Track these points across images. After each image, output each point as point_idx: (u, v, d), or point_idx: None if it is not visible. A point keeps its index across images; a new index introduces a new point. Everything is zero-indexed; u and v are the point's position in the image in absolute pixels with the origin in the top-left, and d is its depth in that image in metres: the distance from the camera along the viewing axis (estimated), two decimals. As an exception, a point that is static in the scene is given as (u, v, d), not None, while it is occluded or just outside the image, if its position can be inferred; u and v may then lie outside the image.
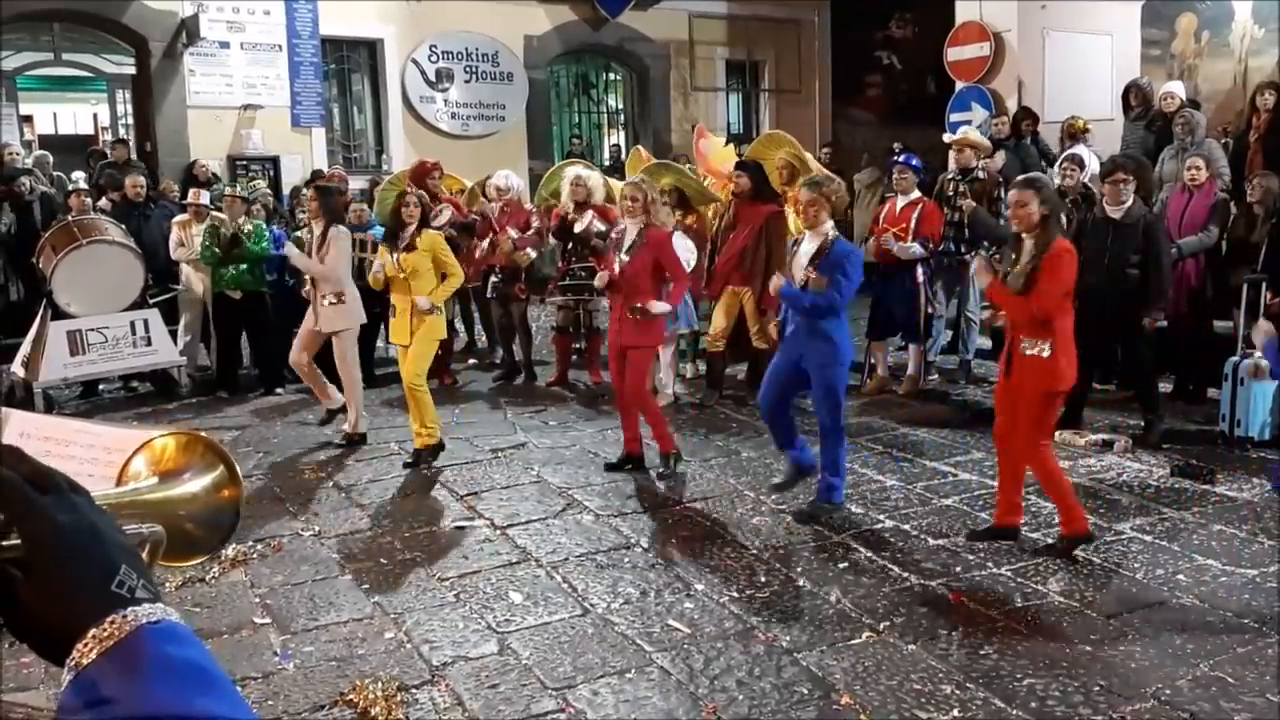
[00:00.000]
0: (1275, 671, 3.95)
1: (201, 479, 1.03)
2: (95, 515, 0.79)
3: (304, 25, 13.77)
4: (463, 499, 6.22)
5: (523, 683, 4.00)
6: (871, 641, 4.27)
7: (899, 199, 8.40)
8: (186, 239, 9.33)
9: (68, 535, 0.75)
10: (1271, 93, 9.34)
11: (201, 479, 1.03)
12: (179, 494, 1.01)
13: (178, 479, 1.02)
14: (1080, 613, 4.50)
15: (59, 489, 0.78)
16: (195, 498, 1.02)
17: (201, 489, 1.02)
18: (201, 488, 1.02)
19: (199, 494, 1.02)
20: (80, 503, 0.79)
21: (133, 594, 0.75)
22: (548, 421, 7.93)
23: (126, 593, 0.75)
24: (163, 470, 1.04)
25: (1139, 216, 6.90)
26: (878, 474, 6.48)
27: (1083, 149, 9.61)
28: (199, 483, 1.03)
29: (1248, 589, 4.68)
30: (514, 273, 9.08)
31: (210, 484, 1.03)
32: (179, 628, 0.74)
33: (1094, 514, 5.66)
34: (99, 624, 0.72)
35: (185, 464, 1.04)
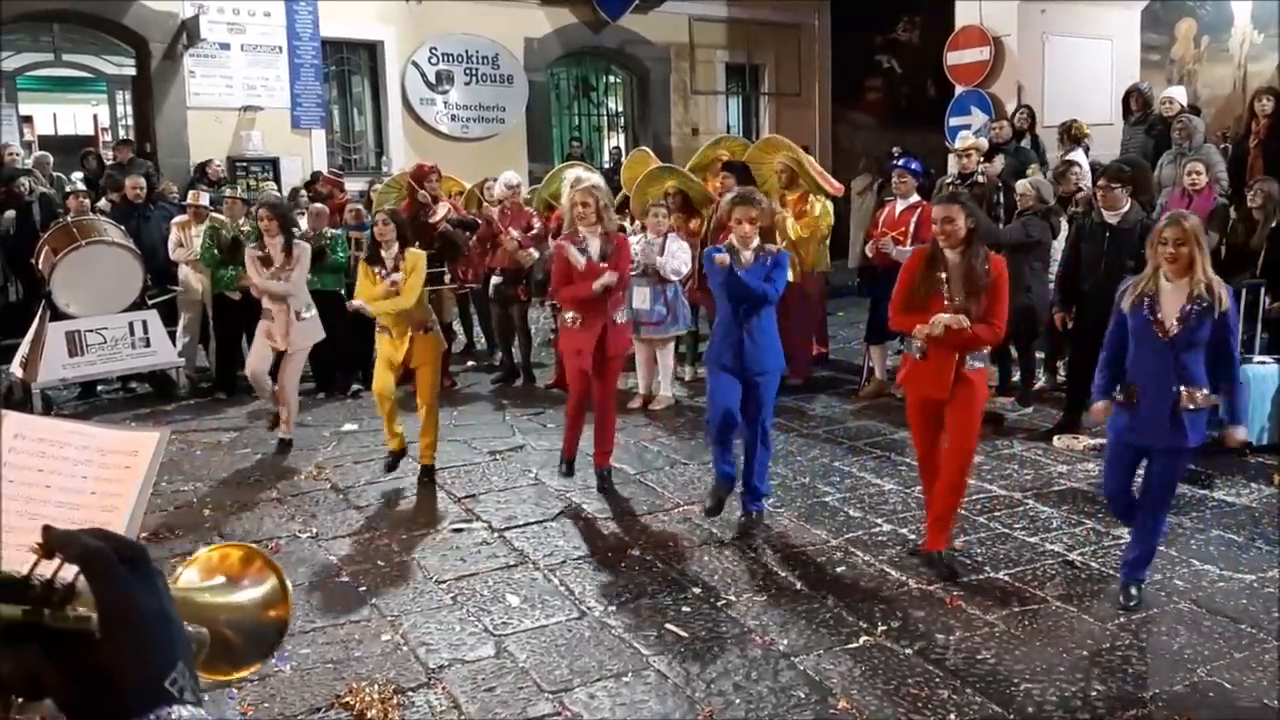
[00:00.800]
0: (1273, 676, 3.95)
1: (252, 592, 1.02)
2: (168, 601, 0.78)
3: (304, 27, 13.77)
4: (460, 501, 6.21)
5: (519, 685, 4.00)
6: (869, 645, 4.26)
7: (898, 203, 8.39)
8: (186, 240, 9.33)
9: (143, 620, 0.75)
10: (1270, 98, 9.34)
11: (252, 592, 1.02)
12: (229, 602, 1.00)
13: (232, 587, 1.01)
14: (1078, 617, 4.49)
15: (145, 565, 0.77)
16: (243, 609, 1.00)
17: (250, 602, 1.01)
18: (250, 600, 1.01)
19: (247, 606, 1.00)
20: (160, 586, 0.78)
21: (181, 694, 0.74)
22: (546, 424, 7.93)
23: (176, 691, 0.74)
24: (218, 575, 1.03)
25: (1136, 221, 6.90)
26: (875, 478, 6.48)
27: (1079, 153, 9.62)
28: (249, 595, 1.01)
29: (1245, 594, 4.68)
30: (516, 274, 9.09)
31: (261, 599, 1.01)
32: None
33: (1092, 518, 5.66)
34: (143, 717, 0.72)
35: (240, 575, 1.02)
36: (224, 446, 7.55)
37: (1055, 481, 6.34)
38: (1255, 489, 6.11)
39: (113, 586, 0.75)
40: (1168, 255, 4.24)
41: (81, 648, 0.74)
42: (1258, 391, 6.72)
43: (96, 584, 0.75)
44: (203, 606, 0.97)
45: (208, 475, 6.85)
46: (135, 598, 0.75)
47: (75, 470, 1.70)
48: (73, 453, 1.71)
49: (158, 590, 0.77)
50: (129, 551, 0.77)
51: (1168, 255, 4.24)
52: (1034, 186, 7.99)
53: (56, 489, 1.67)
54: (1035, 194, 7.91)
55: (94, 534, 0.77)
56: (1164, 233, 4.29)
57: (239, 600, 1.00)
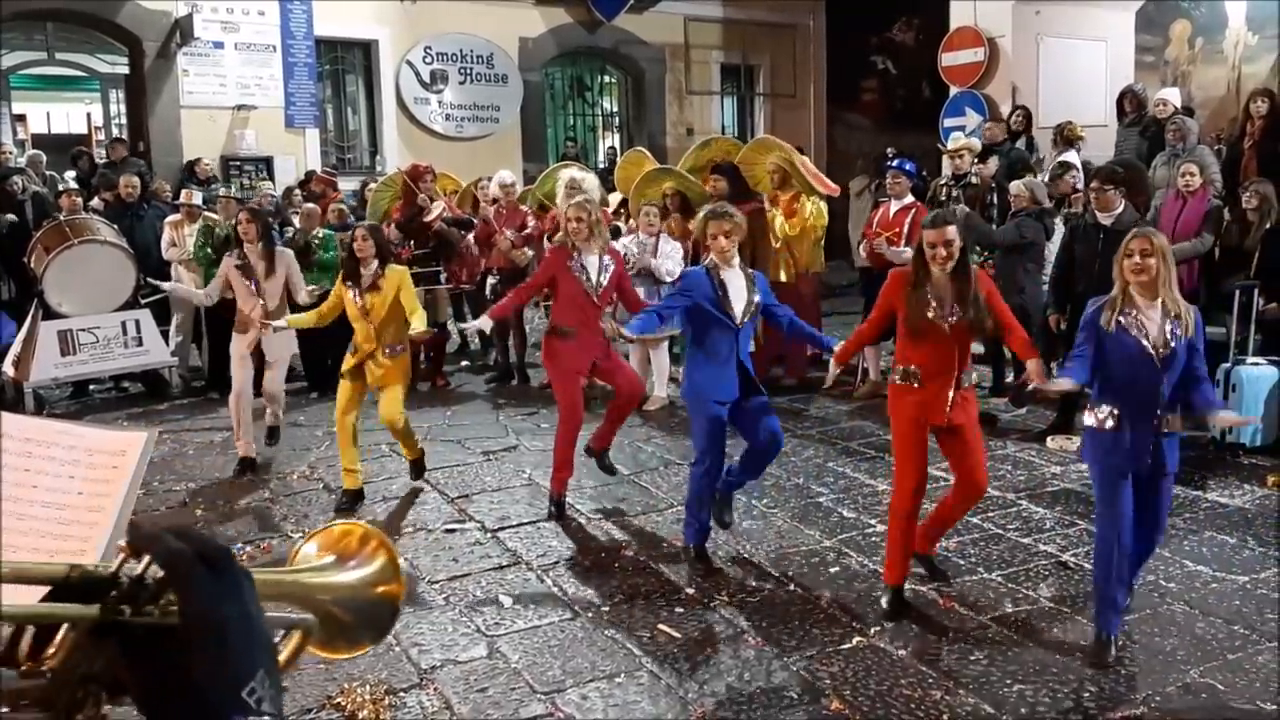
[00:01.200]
0: (1266, 678, 3.95)
1: (362, 570, 1.00)
2: (253, 606, 0.77)
3: (298, 26, 13.74)
4: (453, 501, 6.20)
5: (511, 686, 3.99)
6: (861, 646, 4.26)
7: (893, 203, 8.40)
8: (179, 239, 9.31)
9: (223, 626, 0.74)
10: (1265, 100, 9.36)
11: (362, 570, 1.00)
12: (337, 581, 0.99)
13: (340, 567, 1.00)
14: (1070, 619, 4.49)
15: (228, 569, 0.76)
16: (353, 588, 0.99)
17: (360, 580, 1.00)
18: (360, 579, 1.00)
19: (357, 585, 0.99)
20: (245, 589, 0.77)
21: (259, 705, 0.73)
22: (540, 424, 7.92)
23: (254, 701, 0.73)
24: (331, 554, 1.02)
25: (1130, 223, 6.89)
26: (869, 478, 6.48)
27: (1072, 155, 9.63)
28: (358, 574, 1.00)
29: (1238, 595, 4.68)
30: (512, 274, 9.08)
31: (370, 576, 1.00)
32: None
33: (1085, 519, 5.66)
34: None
35: (351, 553, 1.02)
36: (217, 446, 7.53)
37: (1048, 482, 6.35)
38: (1248, 490, 6.12)
39: (193, 590, 0.74)
40: (1134, 266, 4.00)
41: (162, 648, 0.74)
42: (1251, 393, 6.73)
43: (178, 587, 0.74)
44: (313, 587, 0.96)
45: (200, 475, 6.83)
46: (216, 602, 0.74)
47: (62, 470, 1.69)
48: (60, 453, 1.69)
49: (241, 594, 0.76)
50: (212, 553, 0.76)
51: (1134, 266, 4.00)
52: (1028, 188, 7.99)
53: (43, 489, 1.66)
54: (1029, 195, 7.91)
55: (178, 534, 0.76)
56: (1130, 244, 4.07)
57: (349, 579, 0.99)
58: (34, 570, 0.77)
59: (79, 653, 0.75)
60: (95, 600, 0.74)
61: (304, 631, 0.92)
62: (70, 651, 0.75)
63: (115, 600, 0.74)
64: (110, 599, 0.74)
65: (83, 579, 0.76)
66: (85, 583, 0.76)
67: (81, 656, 0.75)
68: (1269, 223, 7.41)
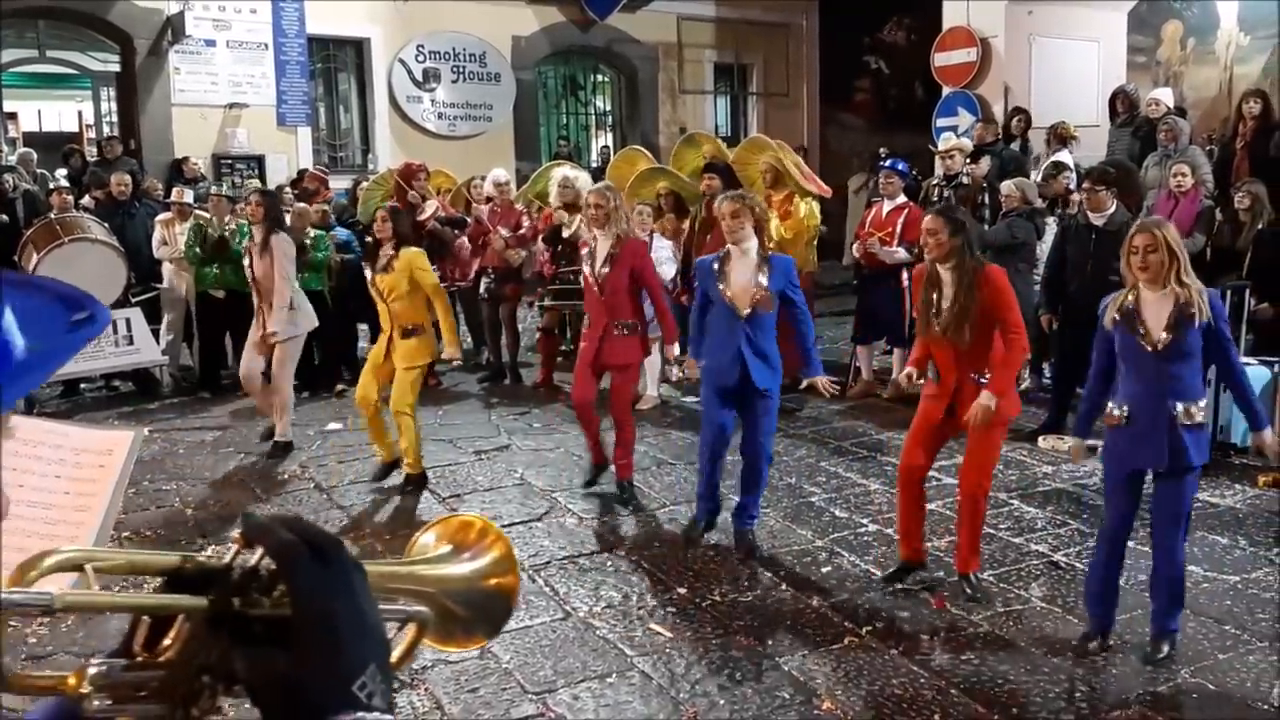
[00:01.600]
0: (1257, 678, 3.96)
1: (477, 562, 0.99)
2: (365, 600, 0.76)
3: (290, 24, 13.70)
4: (445, 500, 6.19)
5: (503, 686, 3.98)
6: (853, 646, 4.26)
7: (885, 203, 8.41)
8: (170, 237, 9.28)
9: (333, 619, 0.73)
10: (1258, 100, 9.39)
11: (477, 562, 0.99)
12: (452, 573, 0.98)
13: (455, 558, 0.99)
14: (1062, 618, 4.50)
15: (339, 562, 0.75)
16: (468, 580, 0.98)
17: (474, 572, 0.98)
18: (474, 570, 0.98)
19: (471, 577, 0.98)
20: (356, 582, 0.76)
21: (369, 699, 0.73)
22: (532, 424, 7.91)
23: (365, 696, 0.72)
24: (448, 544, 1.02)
25: (1121, 223, 6.91)
26: (861, 478, 6.48)
27: (1065, 155, 9.65)
28: (473, 565, 0.99)
29: (1229, 595, 4.69)
30: (507, 273, 9.07)
31: (485, 569, 0.99)
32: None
33: (1076, 519, 5.67)
34: None
35: (467, 545, 1.00)
36: (207, 445, 7.50)
37: (1040, 482, 6.35)
38: (1239, 490, 6.13)
39: (304, 582, 0.73)
40: (1138, 264, 4.03)
41: (274, 640, 0.73)
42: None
43: (289, 580, 0.73)
44: (427, 579, 0.95)
45: (191, 474, 6.81)
46: (327, 595, 0.73)
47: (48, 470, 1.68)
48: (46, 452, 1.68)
49: (352, 587, 0.75)
50: (325, 546, 0.75)
51: (1138, 264, 4.03)
52: (1018, 188, 8.00)
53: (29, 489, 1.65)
54: (1020, 195, 7.93)
55: (290, 525, 0.76)
56: (1134, 240, 4.08)
57: (464, 571, 0.98)
58: (147, 562, 0.77)
59: (194, 644, 0.75)
60: (208, 592, 0.75)
61: (419, 624, 0.91)
62: (186, 643, 0.75)
63: (227, 591, 0.74)
64: (222, 590, 0.75)
65: (197, 570, 0.76)
66: (199, 574, 0.76)
67: (197, 648, 0.75)
68: (1261, 223, 7.43)
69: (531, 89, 15.80)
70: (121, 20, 12.99)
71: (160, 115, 13.17)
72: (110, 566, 0.75)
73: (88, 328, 0.68)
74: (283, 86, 13.72)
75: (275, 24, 13.61)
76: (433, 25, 14.68)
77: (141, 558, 0.79)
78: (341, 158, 14.74)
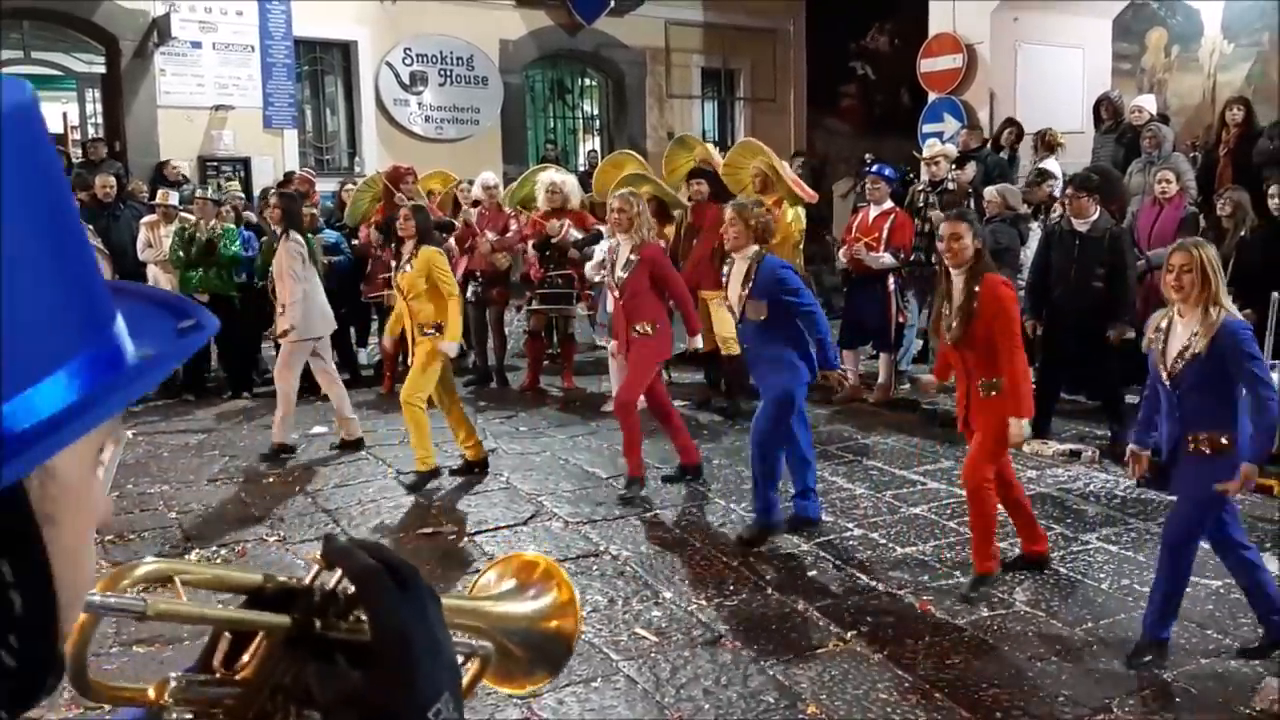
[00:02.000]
0: (1239, 683, 3.98)
1: (539, 602, 0.99)
2: (439, 627, 0.76)
3: (277, 26, 13.67)
4: (431, 505, 6.17)
5: (487, 690, 3.96)
6: (838, 650, 4.26)
7: (871, 209, 8.43)
8: (155, 240, 9.24)
9: (412, 646, 0.73)
10: (1241, 107, 9.45)
11: (539, 602, 0.99)
12: (515, 612, 0.97)
13: (519, 596, 0.99)
14: (1046, 622, 4.51)
15: (417, 588, 0.75)
16: (529, 620, 0.97)
17: (536, 612, 0.98)
18: (537, 611, 0.98)
19: (534, 617, 0.98)
20: (431, 610, 0.76)
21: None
22: (518, 427, 7.90)
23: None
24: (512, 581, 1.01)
25: (1105, 229, 6.96)
26: (847, 482, 6.49)
27: (1051, 162, 9.70)
28: (535, 605, 0.98)
29: (1211, 600, 4.71)
30: (494, 276, 9.06)
31: (547, 609, 0.98)
32: None
33: (1060, 523, 5.70)
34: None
35: (530, 584, 1.00)
36: (192, 449, 7.47)
37: (1024, 487, 6.36)
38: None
39: (384, 608, 0.73)
40: (1172, 282, 3.97)
41: (351, 664, 0.74)
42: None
43: (369, 604, 0.74)
44: (491, 616, 0.95)
45: (174, 477, 6.78)
46: (406, 622, 0.73)
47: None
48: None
49: (428, 615, 0.75)
50: (403, 572, 0.75)
51: (1172, 282, 3.97)
52: (1000, 194, 8.04)
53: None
54: (1001, 201, 7.96)
55: (371, 550, 0.76)
56: (1171, 257, 4.02)
57: (526, 610, 0.98)
58: (231, 579, 0.78)
59: (271, 663, 0.75)
60: (287, 612, 0.75)
61: (482, 660, 0.91)
62: (263, 661, 0.75)
63: (308, 612, 0.75)
64: (304, 611, 0.75)
65: (278, 590, 0.76)
66: (280, 594, 0.76)
67: (273, 667, 0.75)
68: (1243, 230, 7.47)
69: (519, 93, 15.80)
70: (107, 22, 12.94)
71: (145, 117, 13.12)
72: (196, 580, 0.77)
73: (196, 334, 0.68)
74: (269, 89, 13.68)
75: (262, 26, 13.57)
76: (420, 28, 14.66)
77: (226, 573, 0.80)
78: (328, 160, 14.70)
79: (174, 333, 0.68)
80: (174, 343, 0.67)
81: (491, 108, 15.34)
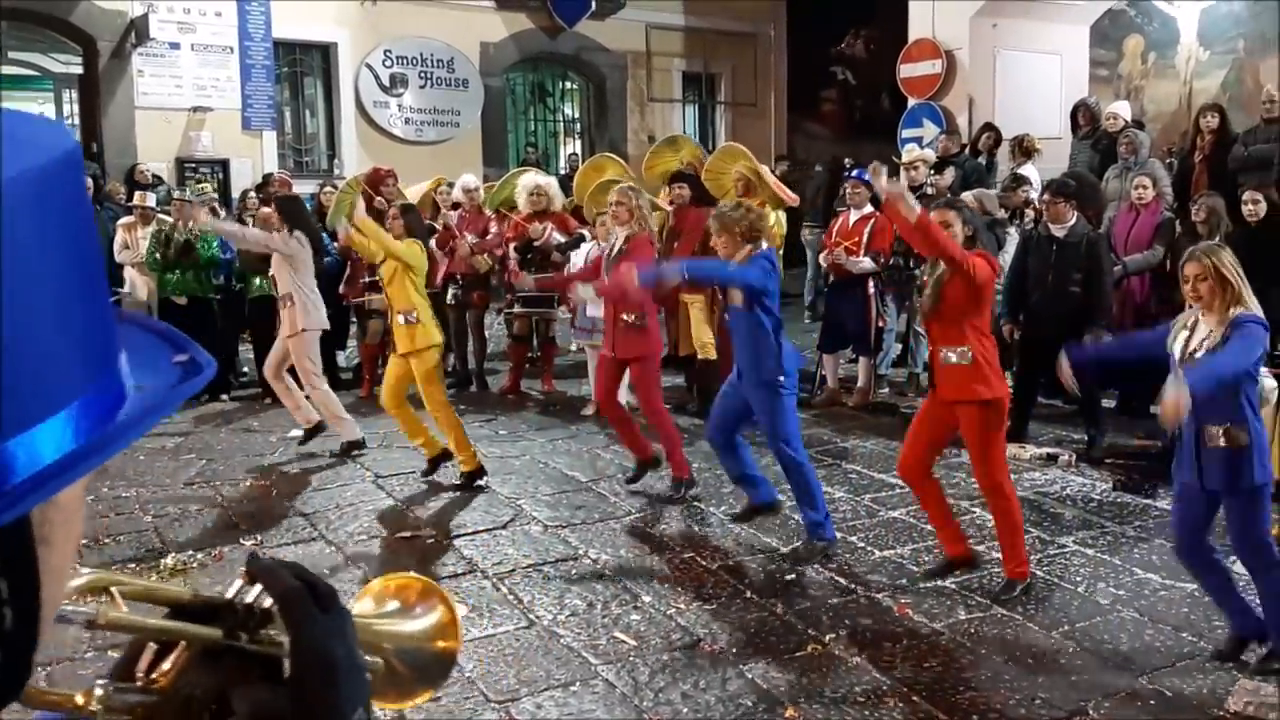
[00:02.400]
0: (1213, 685, 4.01)
1: (424, 622, 1.02)
2: (355, 645, 0.79)
3: (256, 27, 13.61)
4: (409, 508, 6.15)
5: (465, 695, 3.96)
6: (817, 653, 4.27)
7: (851, 213, 8.46)
8: (131, 241, 9.18)
9: (332, 664, 0.76)
10: (1215, 114, 9.53)
11: (424, 622, 1.02)
12: (401, 631, 1.00)
13: (404, 616, 1.02)
14: (1023, 625, 4.53)
15: (338, 610, 0.78)
16: (415, 639, 1.01)
17: (421, 631, 1.01)
18: (421, 630, 1.01)
19: (418, 636, 1.01)
20: (349, 629, 0.79)
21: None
22: (498, 431, 7.88)
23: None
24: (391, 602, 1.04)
25: (1082, 235, 7.01)
26: (826, 485, 6.48)
27: (1030, 167, 9.75)
28: (419, 625, 1.02)
29: (1187, 602, 4.74)
30: (474, 279, 9.04)
31: (431, 630, 1.02)
32: None
33: (1038, 527, 5.72)
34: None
35: (411, 604, 1.03)
36: (168, 452, 7.42)
37: (1003, 490, 6.39)
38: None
39: (306, 627, 0.75)
40: (1190, 293, 3.99)
41: (270, 678, 0.76)
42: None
43: (291, 624, 0.76)
44: (380, 635, 0.98)
45: (151, 481, 6.73)
46: (327, 641, 0.76)
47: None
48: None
49: (346, 634, 0.78)
50: (324, 593, 0.78)
51: (1190, 293, 3.99)
52: (978, 199, 8.08)
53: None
54: (979, 206, 7.99)
55: (294, 571, 0.78)
56: (1184, 269, 4.02)
57: (411, 630, 1.01)
58: (161, 592, 0.81)
59: (189, 673, 0.77)
60: (214, 624, 0.77)
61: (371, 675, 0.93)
62: (181, 671, 0.77)
63: (233, 625, 0.77)
64: (229, 624, 0.77)
65: (202, 604, 0.79)
66: (204, 607, 0.79)
67: (191, 677, 0.77)
68: (1218, 236, 7.52)
69: (499, 95, 15.78)
70: (84, 22, 12.85)
71: (123, 118, 13.03)
72: (130, 592, 0.78)
73: (193, 378, 0.70)
74: (248, 90, 13.61)
75: (241, 27, 13.51)
76: (400, 30, 14.63)
77: (156, 587, 0.82)
78: (307, 162, 14.64)
79: (169, 366, 0.70)
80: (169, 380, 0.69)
81: (472, 110, 15.31)
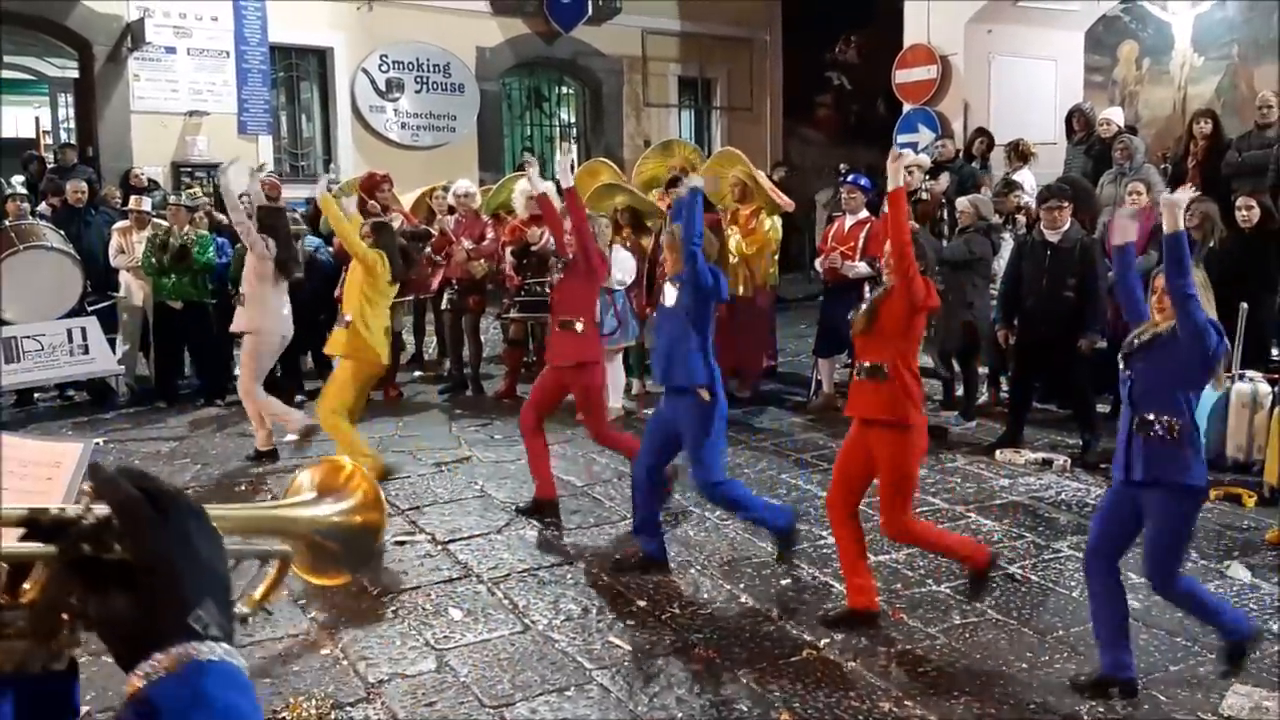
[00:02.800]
0: (1207, 690, 4.02)
1: (343, 502, 1.11)
2: (201, 542, 0.85)
3: (252, 32, 13.60)
4: (404, 513, 6.15)
5: (460, 700, 3.96)
6: (811, 659, 4.28)
7: (847, 218, 8.47)
8: (127, 246, 9.17)
9: (168, 562, 0.82)
10: (1208, 120, 9.56)
11: (343, 502, 1.11)
12: (318, 513, 1.09)
13: (320, 500, 1.11)
14: (1017, 630, 4.54)
15: (176, 511, 0.84)
16: (331, 519, 1.09)
17: (340, 510, 1.10)
18: (341, 510, 1.10)
19: (338, 515, 1.09)
20: (192, 528, 0.84)
21: (205, 629, 0.81)
22: (494, 435, 7.88)
23: (200, 627, 0.81)
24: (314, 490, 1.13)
25: (1076, 240, 7.03)
26: (821, 490, 6.49)
27: (1025, 172, 9.77)
28: (339, 505, 1.10)
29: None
30: (470, 284, 9.04)
31: (351, 507, 1.10)
32: (235, 673, 0.80)
33: (1033, 532, 5.73)
34: (164, 650, 0.79)
35: (334, 487, 1.12)
36: (163, 456, 7.41)
37: (997, 495, 6.41)
38: (1191, 503, 6.21)
39: (141, 533, 0.82)
40: (1155, 304, 3.96)
41: (121, 583, 0.82)
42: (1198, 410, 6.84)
43: (127, 530, 0.82)
44: (292, 520, 1.08)
45: (146, 486, 6.71)
46: (162, 544, 0.82)
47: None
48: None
49: (187, 534, 0.83)
50: (162, 499, 0.83)
51: (1155, 304, 3.96)
52: (973, 204, 8.10)
53: (-26, 502, 1.62)
54: (974, 211, 8.02)
55: (135, 478, 0.84)
56: (1155, 281, 3.97)
57: (330, 510, 1.09)
58: (8, 514, 0.86)
59: (52, 586, 0.85)
60: (58, 542, 0.84)
61: (282, 560, 1.03)
62: (44, 586, 0.85)
63: (76, 539, 0.83)
64: (69, 539, 0.83)
65: (51, 521, 0.85)
66: (53, 524, 0.84)
67: (55, 589, 0.85)
68: (1212, 242, 7.55)
69: (495, 100, 15.78)
70: (80, 26, 12.84)
71: (119, 122, 13.02)
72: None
73: None
74: (244, 95, 13.60)
75: (237, 32, 13.51)
76: (396, 35, 14.63)
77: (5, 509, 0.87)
78: (303, 167, 14.63)
79: None
80: None
81: (468, 115, 15.31)
